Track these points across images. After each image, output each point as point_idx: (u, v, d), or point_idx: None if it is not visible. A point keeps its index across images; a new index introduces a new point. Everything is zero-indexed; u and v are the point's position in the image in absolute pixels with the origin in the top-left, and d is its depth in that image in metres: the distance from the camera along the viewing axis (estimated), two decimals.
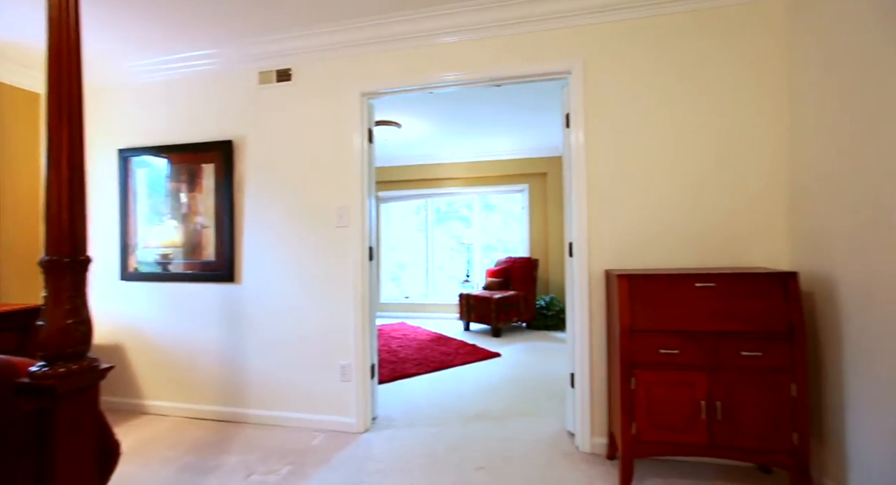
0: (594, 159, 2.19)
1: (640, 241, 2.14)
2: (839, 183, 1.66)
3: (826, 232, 1.74)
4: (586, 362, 2.17)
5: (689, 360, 1.75)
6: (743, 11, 2.04)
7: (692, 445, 1.75)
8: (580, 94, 2.19)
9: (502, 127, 4.61)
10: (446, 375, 3.50)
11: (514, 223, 6.20)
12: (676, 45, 2.11)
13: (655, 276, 1.81)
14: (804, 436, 1.65)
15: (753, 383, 1.70)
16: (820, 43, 1.75)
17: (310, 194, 2.56)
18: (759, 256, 2.03)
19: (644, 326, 1.79)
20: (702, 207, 2.09)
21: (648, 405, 1.78)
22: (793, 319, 1.67)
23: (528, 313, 5.14)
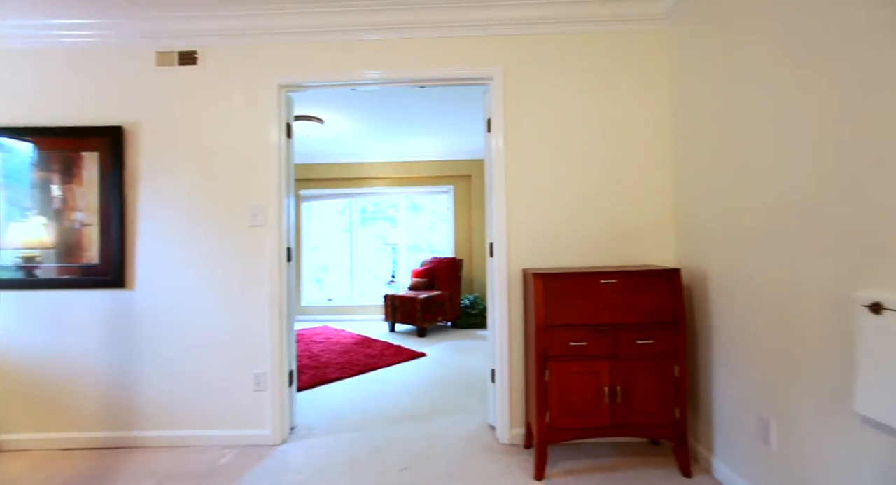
0: (513, 164, 2.31)
1: (554, 241, 2.30)
2: (707, 190, 1.95)
3: (700, 233, 2.03)
4: (506, 358, 2.28)
5: (594, 351, 1.92)
6: (639, 35, 2.29)
7: (597, 427, 1.92)
8: (500, 100, 2.30)
9: (429, 128, 4.66)
10: (371, 377, 3.44)
11: (440, 224, 6.29)
12: (583, 60, 2.31)
13: (567, 274, 1.96)
14: (683, 410, 1.90)
15: (646, 368, 1.92)
16: (693, 67, 2.04)
17: (220, 191, 2.34)
18: (652, 255, 2.30)
19: (557, 321, 1.93)
20: (605, 212, 2.30)
21: (560, 395, 1.92)
22: (676, 309, 1.92)
23: (452, 313, 5.25)
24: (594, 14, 2.25)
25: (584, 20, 2.27)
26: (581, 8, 2.24)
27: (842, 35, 1.27)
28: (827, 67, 1.32)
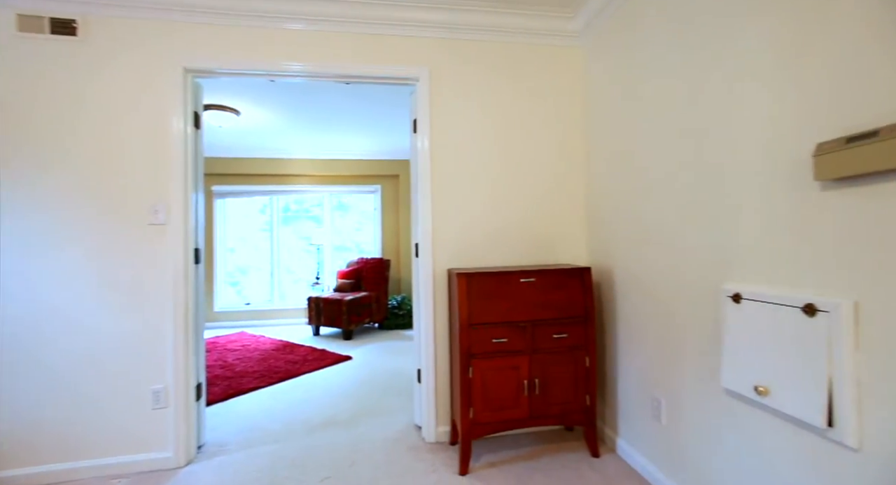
0: (438, 165, 2.34)
1: (477, 241, 2.38)
2: (612, 195, 2.15)
3: (608, 234, 2.23)
4: (431, 357, 2.31)
5: (515, 346, 2.02)
6: (557, 49, 2.46)
7: (518, 419, 2.02)
8: (426, 101, 2.32)
9: (356, 126, 4.54)
10: (293, 384, 3.26)
11: (368, 224, 6.17)
12: (507, 68, 2.41)
13: (489, 274, 2.03)
14: (593, 397, 2.08)
15: (561, 360, 2.06)
16: (600, 83, 2.24)
17: (111, 184, 2.06)
18: (568, 254, 2.48)
19: (480, 319, 1.99)
20: (525, 213, 2.43)
21: (484, 390, 1.99)
22: (587, 304, 2.09)
23: (380, 314, 5.18)
24: (517, 26, 2.37)
25: (508, 31, 2.38)
26: (505, 19, 2.34)
27: (703, 65, 1.49)
28: (693, 94, 1.54)
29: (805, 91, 1.16)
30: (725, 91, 1.43)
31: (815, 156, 1.09)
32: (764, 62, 1.29)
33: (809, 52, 1.15)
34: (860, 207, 1.03)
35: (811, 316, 1.12)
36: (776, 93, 1.25)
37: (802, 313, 1.14)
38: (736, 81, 1.39)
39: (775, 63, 1.25)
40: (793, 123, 1.20)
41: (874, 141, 0.94)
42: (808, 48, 1.15)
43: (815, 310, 1.11)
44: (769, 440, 1.29)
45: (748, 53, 1.34)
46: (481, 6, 2.27)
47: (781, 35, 1.23)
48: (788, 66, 1.21)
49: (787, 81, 1.21)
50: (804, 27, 1.16)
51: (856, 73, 1.03)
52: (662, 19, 1.75)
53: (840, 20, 1.07)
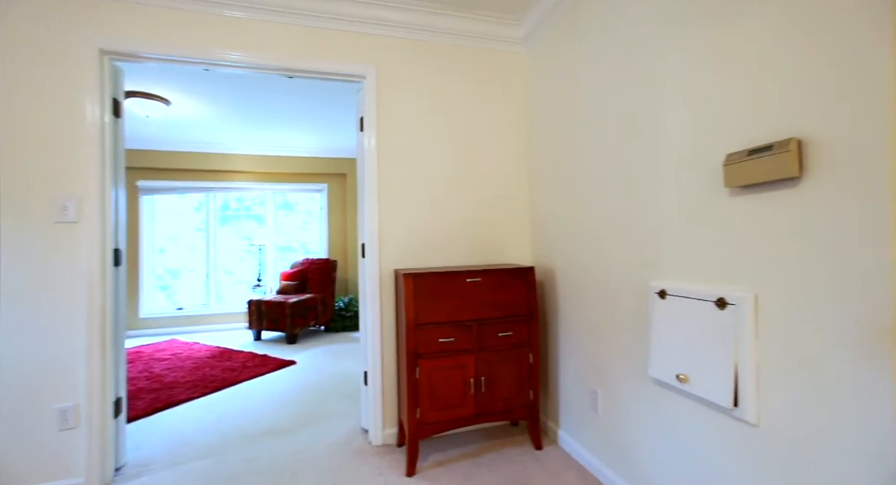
0: (385, 164, 2.31)
1: (424, 242, 2.38)
2: (553, 197, 2.25)
3: (550, 234, 2.32)
4: (378, 359, 2.27)
5: (462, 346, 2.05)
6: (503, 54, 2.52)
7: (464, 418, 2.05)
8: (373, 100, 2.28)
9: (302, 123, 4.38)
10: (230, 393, 3.07)
11: (314, 223, 5.96)
12: (455, 70, 2.44)
13: (436, 274, 2.04)
14: (536, 392, 2.16)
15: (506, 358, 2.12)
16: (541, 91, 2.34)
17: (7, 177, 1.82)
18: (513, 255, 2.55)
19: (427, 319, 2.00)
20: (472, 214, 2.47)
21: (431, 390, 1.99)
22: (531, 303, 2.16)
23: (326, 316, 5.03)
24: (465, 30, 2.40)
25: (457, 34, 2.41)
26: (454, 22, 2.37)
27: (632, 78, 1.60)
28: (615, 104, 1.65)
29: (719, 105, 1.28)
30: (651, 103, 1.55)
31: (724, 165, 1.21)
32: (685, 77, 1.41)
33: (722, 70, 1.27)
34: (758, 211, 1.16)
35: (722, 309, 1.24)
36: (695, 106, 1.37)
37: (715, 307, 1.27)
38: (661, 94, 1.51)
39: (694, 78, 1.37)
40: (709, 134, 1.32)
41: (769, 154, 1.07)
42: (720, 66, 1.27)
43: (726, 303, 1.23)
44: (688, 422, 1.41)
45: (672, 68, 1.46)
46: (431, 7, 2.28)
47: (701, 53, 1.35)
48: (706, 82, 1.33)
49: (704, 96, 1.34)
50: (716, 50, 1.28)
51: (758, 92, 1.16)
52: (598, 35, 1.86)
53: (744, 45, 1.19)
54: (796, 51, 1.06)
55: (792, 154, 1.03)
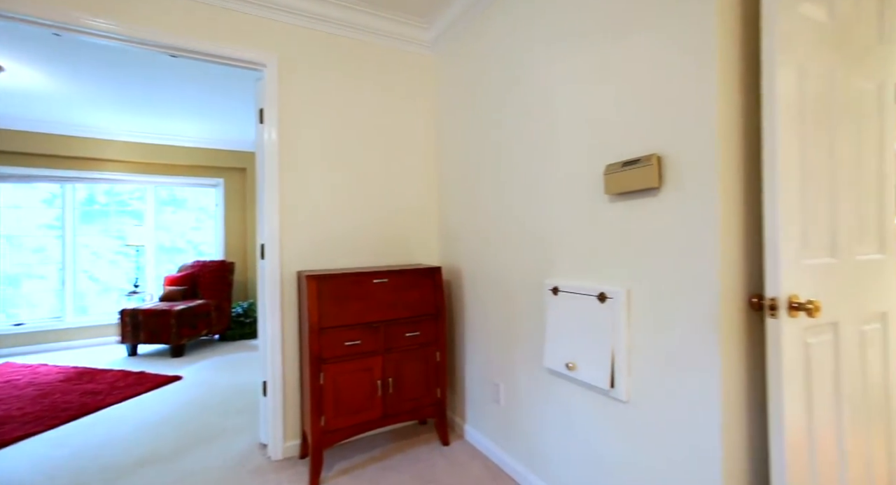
0: (288, 160, 2.18)
1: (330, 242, 2.29)
2: (459, 198, 2.33)
3: (457, 234, 2.40)
4: (279, 367, 2.12)
5: (368, 347, 2.01)
6: (413, 56, 2.54)
7: (371, 421, 2.01)
8: (275, 90, 2.13)
9: (195, 110, 3.91)
10: (92, 421, 2.60)
11: (209, 222, 5.36)
12: (364, 67, 2.39)
13: (341, 275, 1.97)
14: (443, 390, 2.20)
15: (414, 357, 2.13)
16: (447, 95, 2.41)
17: None
18: (422, 255, 2.58)
19: (332, 322, 1.92)
20: (380, 213, 2.45)
21: (336, 396, 1.92)
22: (438, 303, 2.20)
23: (221, 324, 4.56)
24: (377, 28, 2.36)
25: (368, 31, 2.36)
26: (365, 19, 2.31)
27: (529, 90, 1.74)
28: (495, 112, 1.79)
29: (602, 123, 1.45)
30: (545, 115, 1.69)
31: (604, 175, 1.37)
32: (574, 95, 1.56)
33: (604, 93, 1.43)
34: (630, 216, 1.33)
35: (603, 303, 1.40)
36: (583, 122, 1.52)
37: (598, 301, 1.42)
38: (555, 108, 1.65)
39: (583, 97, 1.52)
40: (594, 148, 1.48)
41: (637, 166, 1.23)
42: (602, 89, 1.44)
43: (606, 297, 1.39)
44: (575, 404, 1.56)
45: (564, 87, 1.61)
46: (342, 0, 2.20)
47: (587, 77, 1.51)
48: (591, 101, 1.49)
49: (590, 114, 1.49)
50: (599, 75, 1.45)
51: (631, 114, 1.33)
52: (499, 49, 1.97)
53: (620, 73, 1.36)
54: (655, 83, 1.24)
55: (653, 167, 1.20)
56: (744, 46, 1.16)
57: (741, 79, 1.15)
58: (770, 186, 1.07)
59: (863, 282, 1.26)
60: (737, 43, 1.14)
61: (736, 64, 1.14)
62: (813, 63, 1.14)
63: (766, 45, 1.08)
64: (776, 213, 1.07)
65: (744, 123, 1.16)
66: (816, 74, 1.15)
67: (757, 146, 1.18)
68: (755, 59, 1.18)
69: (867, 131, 1.27)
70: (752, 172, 1.17)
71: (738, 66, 1.15)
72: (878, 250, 1.31)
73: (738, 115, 1.14)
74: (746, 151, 1.16)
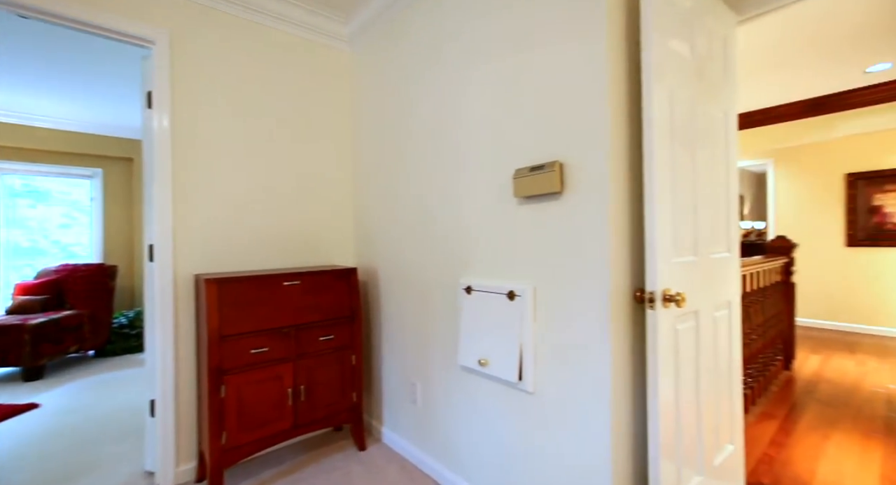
0: (183, 150, 1.96)
1: (237, 243, 2.11)
2: (376, 197, 2.31)
3: (374, 234, 2.37)
4: (171, 382, 1.89)
5: (278, 354, 1.89)
6: (328, 49, 2.45)
7: (281, 432, 1.89)
8: (166, 72, 1.90)
9: (66, 86, 3.30)
10: None
11: (84, 219, 4.58)
12: (274, 56, 2.24)
13: (247, 278, 1.83)
14: (359, 394, 2.16)
15: (328, 362, 2.05)
16: (364, 94, 2.38)
17: None
18: (337, 256, 2.49)
19: (235, 329, 1.77)
20: (292, 212, 2.32)
21: (239, 409, 1.77)
22: (353, 304, 2.15)
23: (98, 337, 3.92)
24: (289, 15, 2.23)
25: (281, 18, 2.22)
26: (278, 5, 2.17)
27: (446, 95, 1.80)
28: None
29: (512, 129, 1.54)
30: (462, 119, 1.75)
31: (513, 178, 1.46)
32: (487, 104, 1.63)
33: (514, 102, 1.53)
34: (536, 218, 1.44)
35: (512, 300, 1.49)
36: (495, 129, 1.60)
37: (507, 299, 1.51)
38: (470, 113, 1.71)
39: (496, 105, 1.60)
40: (505, 153, 1.56)
41: (542, 172, 1.34)
42: (512, 98, 1.53)
43: (515, 295, 1.48)
44: (487, 399, 1.64)
45: (477, 94, 1.68)
46: None
47: (498, 87, 1.59)
48: (503, 109, 1.57)
49: (501, 121, 1.58)
50: (509, 86, 1.54)
51: (537, 123, 1.44)
52: (418, 51, 1.99)
53: (529, 83, 1.47)
54: (557, 97, 1.36)
55: (556, 173, 1.31)
56: (629, 70, 1.32)
57: (628, 99, 1.31)
58: (650, 195, 1.24)
59: (715, 276, 1.51)
60: (624, 66, 1.30)
61: (623, 85, 1.30)
62: (680, 90, 1.34)
63: (645, 72, 1.24)
64: (654, 218, 1.24)
65: (629, 139, 1.32)
66: (682, 100, 1.35)
67: (639, 160, 1.36)
68: (639, 83, 1.35)
69: (718, 152, 1.53)
70: (635, 183, 1.34)
71: (626, 88, 1.30)
72: (726, 250, 1.58)
73: (625, 132, 1.30)
74: (631, 164, 1.33)
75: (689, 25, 1.39)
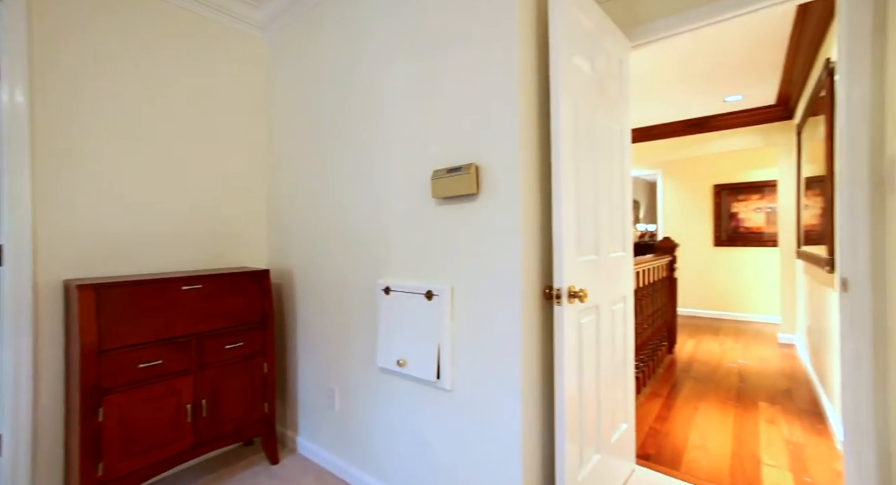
0: (49, 133, 1.65)
1: (127, 244, 1.84)
2: (293, 196, 2.18)
3: (289, 234, 2.23)
4: (27, 409, 1.59)
5: (175, 367, 1.69)
6: (242, 36, 2.24)
7: (178, 454, 1.69)
8: (22, 35, 1.59)
9: None
10: None
11: None
12: (185, 41, 2.00)
13: (136, 282, 1.61)
14: (272, 404, 2.02)
15: (236, 372, 1.89)
16: (282, 85, 2.24)
17: None
18: (249, 257, 2.30)
19: (120, 341, 1.54)
20: (199, 212, 2.09)
21: (124, 432, 1.55)
22: (265, 308, 2.01)
23: None
24: None
25: None
26: None
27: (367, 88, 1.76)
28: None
29: (434, 131, 1.55)
30: (382, 121, 1.72)
31: (431, 179, 1.47)
32: (408, 104, 1.63)
33: (433, 103, 1.54)
34: (454, 218, 1.47)
35: (430, 300, 1.51)
36: (416, 130, 1.60)
37: (425, 299, 1.52)
38: (391, 115, 1.69)
39: (415, 107, 1.60)
40: (425, 154, 1.57)
41: (459, 174, 1.37)
42: (435, 89, 1.54)
43: (433, 295, 1.50)
44: (406, 400, 1.64)
45: (398, 93, 1.66)
46: None
47: (417, 89, 1.59)
48: (423, 110, 1.58)
49: (422, 123, 1.58)
50: (427, 88, 1.55)
51: (456, 126, 1.47)
52: (336, 47, 1.92)
53: (449, 86, 1.49)
54: (475, 101, 1.40)
55: (472, 176, 1.35)
56: (539, 81, 1.41)
57: (538, 109, 1.40)
58: (557, 198, 1.33)
59: (613, 273, 1.68)
60: (534, 77, 1.39)
61: (534, 95, 1.38)
62: (583, 103, 1.47)
63: (553, 84, 1.34)
64: (561, 220, 1.34)
65: (539, 147, 1.41)
66: (584, 113, 1.48)
67: (548, 166, 1.45)
68: (548, 94, 1.45)
69: (615, 161, 1.71)
70: (544, 187, 1.44)
71: (536, 98, 1.39)
72: (621, 249, 1.77)
73: (535, 139, 1.39)
74: (541, 169, 1.42)
75: (591, 45, 1.53)
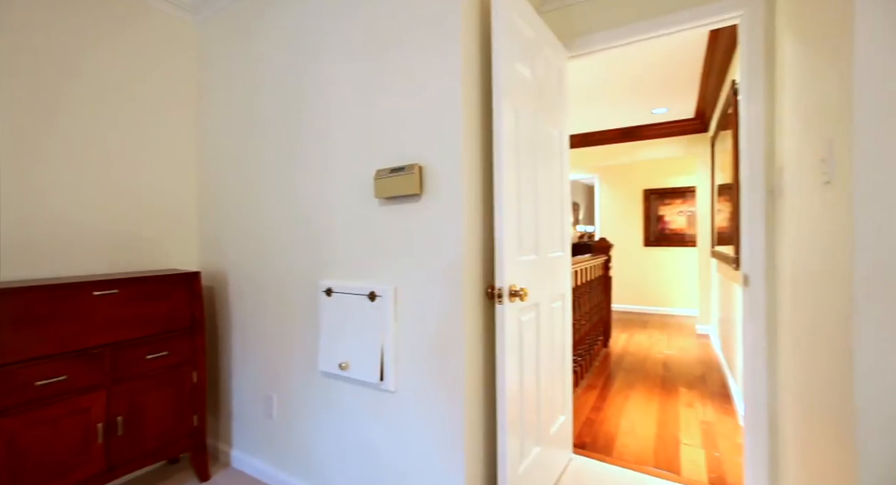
0: None
1: (24, 242, 1.62)
2: (228, 194, 2.04)
3: (222, 235, 2.09)
4: None
5: (83, 383, 1.51)
6: (174, 22, 2.06)
7: (86, 480, 1.52)
8: None
9: None
10: None
11: None
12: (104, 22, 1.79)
13: (31, 288, 1.42)
14: (202, 416, 1.88)
15: (160, 383, 1.73)
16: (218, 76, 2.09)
17: None
18: (177, 258, 2.12)
19: (10, 357, 1.35)
20: (119, 209, 1.89)
21: (14, 461, 1.36)
22: (195, 313, 1.86)
23: None
24: None
25: None
26: None
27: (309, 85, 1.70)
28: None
29: (377, 130, 1.52)
30: (324, 121, 1.66)
31: (374, 179, 1.45)
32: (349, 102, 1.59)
33: (376, 104, 1.51)
34: (397, 218, 1.46)
35: (373, 301, 1.48)
36: (358, 129, 1.57)
37: (368, 300, 1.49)
38: (332, 113, 1.64)
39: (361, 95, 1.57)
40: (368, 153, 1.54)
41: (403, 174, 1.36)
42: (378, 88, 1.52)
43: (376, 296, 1.47)
44: (349, 403, 1.59)
45: (340, 92, 1.62)
46: None
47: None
48: (365, 110, 1.54)
49: (364, 122, 1.55)
50: (372, 88, 1.52)
51: (399, 127, 1.45)
52: (277, 44, 1.83)
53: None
54: (420, 101, 1.40)
55: (415, 176, 1.35)
56: (482, 85, 1.44)
57: (480, 112, 1.42)
58: (499, 199, 1.37)
59: (552, 272, 1.76)
60: (477, 81, 1.41)
61: (477, 99, 1.40)
62: (523, 108, 1.52)
63: (495, 88, 1.37)
64: (503, 221, 1.37)
65: (482, 148, 1.43)
66: (525, 117, 1.53)
67: (490, 168, 1.49)
68: (490, 97, 1.48)
69: (554, 165, 1.78)
70: (486, 188, 1.47)
71: (479, 101, 1.41)
72: (560, 249, 1.85)
73: (478, 141, 1.41)
74: (483, 171, 1.44)
75: (532, 53, 1.58)
